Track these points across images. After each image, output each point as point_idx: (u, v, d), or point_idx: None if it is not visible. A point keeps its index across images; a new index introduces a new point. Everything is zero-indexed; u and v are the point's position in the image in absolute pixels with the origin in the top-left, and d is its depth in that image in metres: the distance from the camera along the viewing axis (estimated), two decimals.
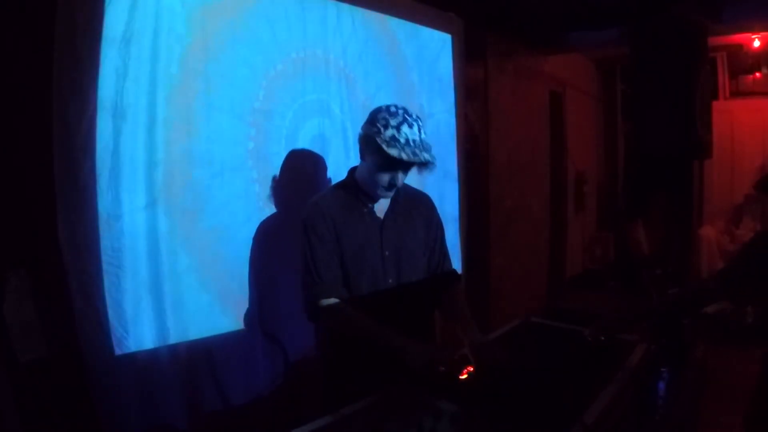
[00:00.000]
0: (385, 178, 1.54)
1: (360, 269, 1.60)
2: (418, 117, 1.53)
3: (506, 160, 3.92)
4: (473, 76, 3.54)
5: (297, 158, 2.18)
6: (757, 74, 5.25)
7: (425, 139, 1.51)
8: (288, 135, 2.20)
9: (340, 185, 1.69)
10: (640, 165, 4.05)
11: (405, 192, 1.70)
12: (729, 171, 5.40)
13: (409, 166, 1.53)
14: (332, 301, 1.55)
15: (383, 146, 1.45)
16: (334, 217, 1.58)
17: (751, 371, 1.89)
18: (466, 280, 3.39)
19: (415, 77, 2.92)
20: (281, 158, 2.15)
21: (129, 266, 1.74)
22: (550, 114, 4.75)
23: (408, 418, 1.22)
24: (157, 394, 1.81)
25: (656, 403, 1.52)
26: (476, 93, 3.60)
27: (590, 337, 1.71)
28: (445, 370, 1.40)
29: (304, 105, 2.27)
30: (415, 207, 1.74)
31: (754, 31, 4.71)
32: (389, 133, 1.46)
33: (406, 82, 2.85)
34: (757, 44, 5.01)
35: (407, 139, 1.46)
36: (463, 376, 1.45)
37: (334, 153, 2.33)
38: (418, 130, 1.50)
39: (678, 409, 1.54)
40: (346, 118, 2.44)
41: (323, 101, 2.36)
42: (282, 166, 2.15)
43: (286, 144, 2.18)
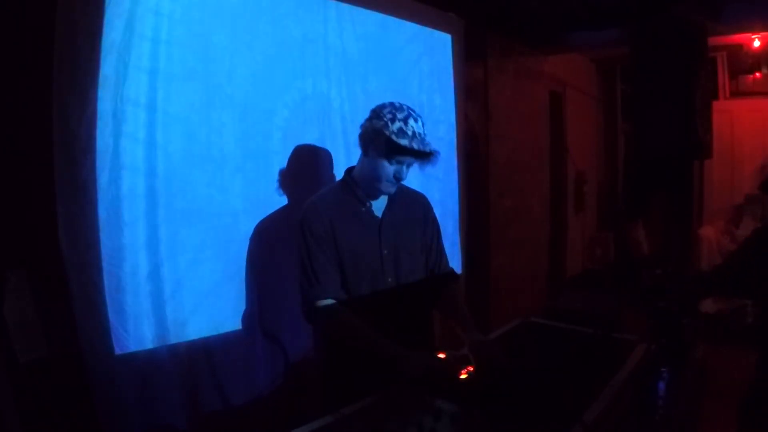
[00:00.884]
0: (391, 170, 1.55)
1: (359, 269, 1.59)
2: (419, 113, 1.57)
3: (506, 160, 3.92)
4: (473, 76, 3.54)
5: (298, 157, 2.18)
6: (757, 74, 5.25)
7: (427, 134, 1.56)
8: (288, 135, 2.20)
9: (337, 185, 1.70)
10: (640, 165, 4.05)
11: (402, 192, 1.70)
12: (729, 171, 5.40)
13: (417, 156, 1.54)
14: (329, 302, 1.54)
15: (392, 137, 1.48)
16: (331, 218, 1.58)
17: (751, 371, 1.89)
18: (466, 280, 3.39)
19: (415, 77, 2.92)
20: (281, 158, 2.15)
21: (129, 266, 1.75)
22: (550, 114, 4.75)
23: (408, 418, 1.22)
24: (157, 394, 1.81)
25: (656, 403, 1.52)
26: (476, 93, 3.60)
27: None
28: (442, 378, 1.40)
29: (304, 105, 2.28)
30: (413, 206, 1.74)
31: (754, 31, 4.71)
32: (397, 125, 1.49)
33: (407, 82, 2.85)
34: (757, 44, 5.01)
35: (414, 132, 1.50)
36: (463, 376, 1.45)
37: (333, 153, 2.33)
38: (422, 124, 1.55)
39: (678, 409, 1.54)
40: (346, 118, 2.44)
41: (323, 101, 2.36)
42: (283, 166, 2.15)
43: (286, 144, 2.18)
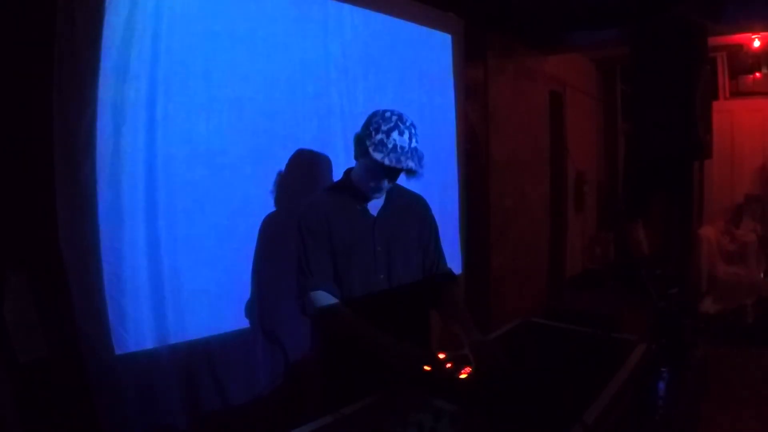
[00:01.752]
0: (371, 182, 1.57)
1: (351, 264, 1.61)
2: (412, 124, 1.52)
3: (506, 160, 3.92)
4: (473, 76, 3.54)
5: (299, 158, 2.18)
6: (757, 74, 5.24)
7: (416, 147, 1.51)
8: (288, 135, 2.20)
9: (335, 186, 1.72)
10: (640, 165, 4.04)
11: (399, 192, 1.72)
12: (729, 171, 5.39)
13: (393, 171, 1.53)
14: (322, 293, 1.55)
15: (370, 149, 1.48)
16: (328, 216, 1.60)
17: (751, 371, 1.90)
18: (466, 280, 3.39)
19: (416, 77, 2.92)
20: (281, 158, 2.15)
21: (129, 266, 1.75)
22: (550, 114, 4.75)
23: (408, 418, 1.22)
24: (157, 394, 1.81)
25: (656, 403, 1.52)
26: (476, 93, 3.60)
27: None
28: (430, 370, 1.40)
29: (304, 105, 2.28)
30: (409, 207, 1.75)
31: (754, 31, 4.71)
32: (378, 137, 1.47)
33: (407, 83, 2.85)
34: (757, 44, 5.00)
35: (395, 145, 1.47)
36: (463, 376, 1.45)
37: (333, 153, 2.33)
38: (409, 137, 1.50)
39: (678, 409, 1.54)
40: (346, 119, 2.44)
41: (323, 101, 2.36)
42: (284, 166, 2.15)
43: (286, 144, 2.18)
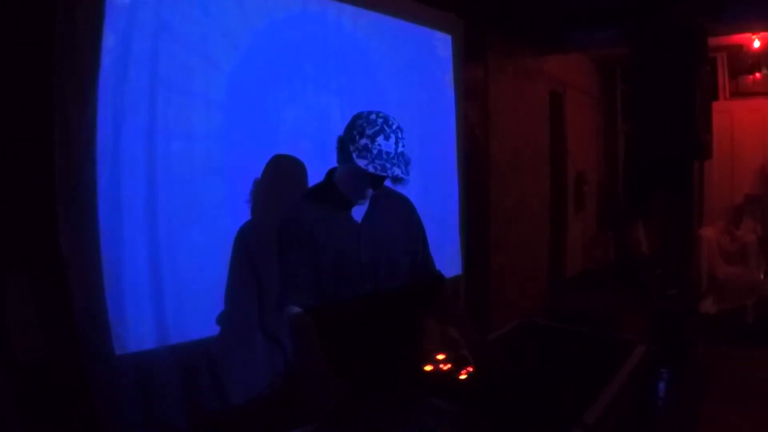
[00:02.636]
0: (355, 189, 1.49)
1: (336, 277, 1.52)
2: (399, 128, 1.44)
3: (506, 160, 3.92)
4: (473, 76, 3.53)
5: (298, 158, 2.18)
6: (757, 74, 5.24)
7: (403, 152, 1.43)
8: (288, 135, 2.20)
9: (317, 190, 1.62)
10: (640, 165, 4.04)
11: (384, 193, 1.61)
12: (729, 171, 5.39)
13: (378, 179, 1.45)
14: (296, 310, 1.47)
15: (353, 155, 1.39)
16: (311, 223, 1.50)
17: (751, 371, 1.89)
18: (466, 280, 3.39)
19: (415, 77, 2.92)
20: (281, 158, 2.15)
21: (129, 266, 1.75)
22: (550, 114, 4.75)
23: (408, 418, 1.22)
24: (157, 394, 1.81)
25: (656, 403, 1.52)
26: (476, 93, 3.59)
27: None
28: (431, 370, 1.39)
29: (304, 105, 2.27)
30: (395, 209, 1.66)
31: (754, 31, 4.70)
32: (362, 141, 1.39)
33: (407, 83, 2.85)
34: (757, 44, 5.00)
35: (380, 151, 1.38)
36: (463, 377, 1.45)
37: (330, 152, 2.32)
38: (395, 142, 1.41)
39: (678, 409, 1.54)
40: (346, 119, 2.43)
41: (323, 102, 2.36)
42: (282, 166, 2.15)
43: (286, 144, 2.18)
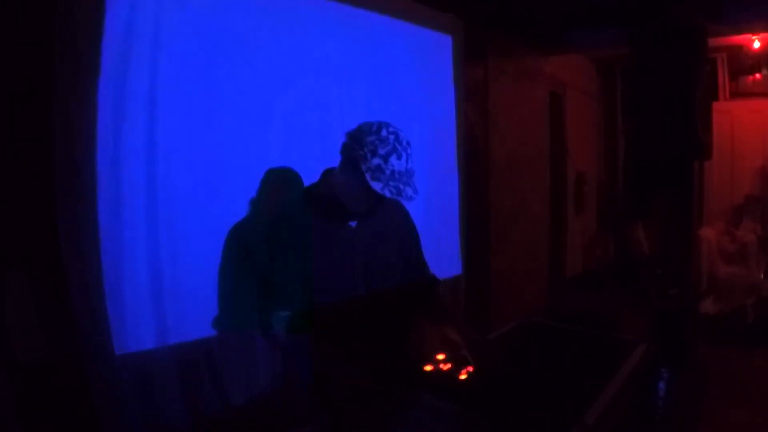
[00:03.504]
0: (360, 203, 1.48)
1: (328, 282, 1.52)
2: (408, 143, 1.44)
3: (506, 160, 3.92)
4: (473, 77, 3.53)
5: (298, 158, 2.17)
6: (758, 75, 5.25)
7: (411, 168, 1.42)
8: (288, 136, 2.20)
9: (314, 193, 1.60)
10: (640, 165, 4.04)
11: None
12: (729, 171, 5.39)
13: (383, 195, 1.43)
14: (284, 314, 1.47)
15: (367, 176, 1.37)
16: (304, 227, 1.50)
17: (751, 371, 1.89)
18: (466, 280, 3.39)
19: (415, 78, 2.92)
20: (281, 158, 2.15)
21: (129, 266, 1.75)
22: (550, 114, 4.74)
23: (408, 418, 1.22)
24: (157, 394, 1.81)
25: (656, 403, 1.52)
26: (476, 93, 3.59)
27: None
28: (430, 370, 1.39)
29: (304, 106, 2.27)
30: (388, 215, 1.65)
31: (754, 31, 4.70)
32: (376, 162, 1.36)
33: (407, 83, 2.85)
34: (757, 45, 5.00)
35: (393, 171, 1.37)
36: (463, 376, 1.45)
37: (333, 155, 2.32)
38: (406, 160, 1.41)
39: (678, 409, 1.54)
40: (345, 120, 2.43)
41: (323, 102, 2.36)
42: (281, 166, 2.15)
43: (285, 144, 2.18)
